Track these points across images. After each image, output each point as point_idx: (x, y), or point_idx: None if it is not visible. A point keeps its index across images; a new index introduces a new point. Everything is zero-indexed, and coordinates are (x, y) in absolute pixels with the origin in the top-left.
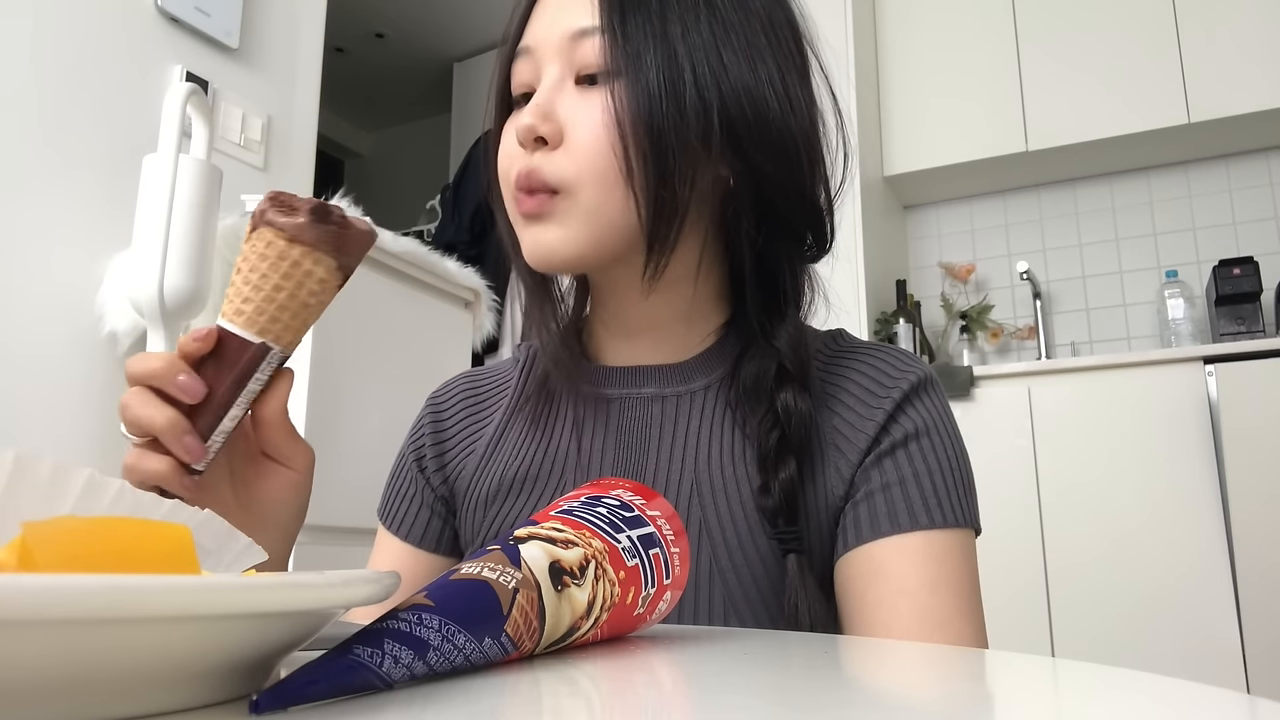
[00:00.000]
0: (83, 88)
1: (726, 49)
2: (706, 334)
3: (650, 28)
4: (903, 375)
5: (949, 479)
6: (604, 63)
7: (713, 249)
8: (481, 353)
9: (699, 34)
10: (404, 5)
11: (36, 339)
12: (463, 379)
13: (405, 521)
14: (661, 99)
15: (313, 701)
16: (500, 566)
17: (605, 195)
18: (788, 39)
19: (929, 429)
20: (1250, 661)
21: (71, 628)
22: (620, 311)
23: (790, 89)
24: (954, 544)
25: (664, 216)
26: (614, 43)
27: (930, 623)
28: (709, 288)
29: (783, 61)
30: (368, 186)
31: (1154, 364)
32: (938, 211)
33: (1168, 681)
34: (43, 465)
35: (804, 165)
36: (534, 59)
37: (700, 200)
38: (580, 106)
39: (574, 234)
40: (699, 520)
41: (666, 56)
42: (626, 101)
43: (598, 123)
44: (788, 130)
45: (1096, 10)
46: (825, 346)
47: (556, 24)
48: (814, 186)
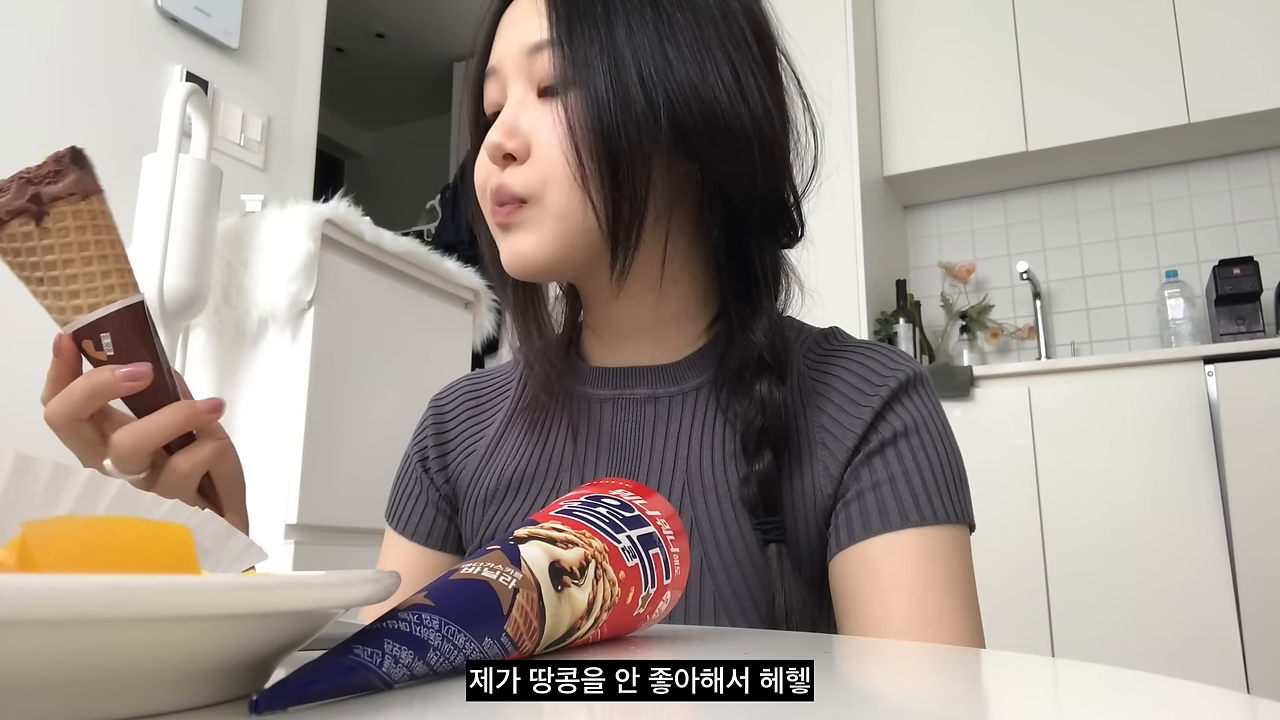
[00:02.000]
0: (83, 88)
1: (672, 47)
2: (696, 334)
3: (596, 35)
4: (891, 374)
5: (940, 475)
6: (556, 75)
7: (691, 248)
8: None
9: (645, 36)
10: (404, 5)
11: (36, 340)
12: (465, 381)
13: (412, 521)
14: (610, 104)
15: (313, 701)
16: (500, 566)
17: (567, 199)
18: (740, 31)
19: (918, 426)
20: (1250, 660)
21: (71, 628)
22: (606, 316)
23: (743, 80)
24: (947, 540)
25: (621, 216)
26: (563, 55)
27: (924, 619)
28: (695, 287)
29: (735, 54)
30: (368, 186)
31: (1154, 364)
32: (938, 211)
33: (1167, 682)
34: (43, 465)
35: (758, 157)
36: (500, 78)
37: (667, 199)
38: (540, 119)
39: (545, 239)
40: (690, 519)
41: (613, 62)
42: (577, 110)
43: (554, 133)
44: (739, 123)
45: (1096, 10)
46: (818, 345)
47: (515, 41)
48: (773, 177)
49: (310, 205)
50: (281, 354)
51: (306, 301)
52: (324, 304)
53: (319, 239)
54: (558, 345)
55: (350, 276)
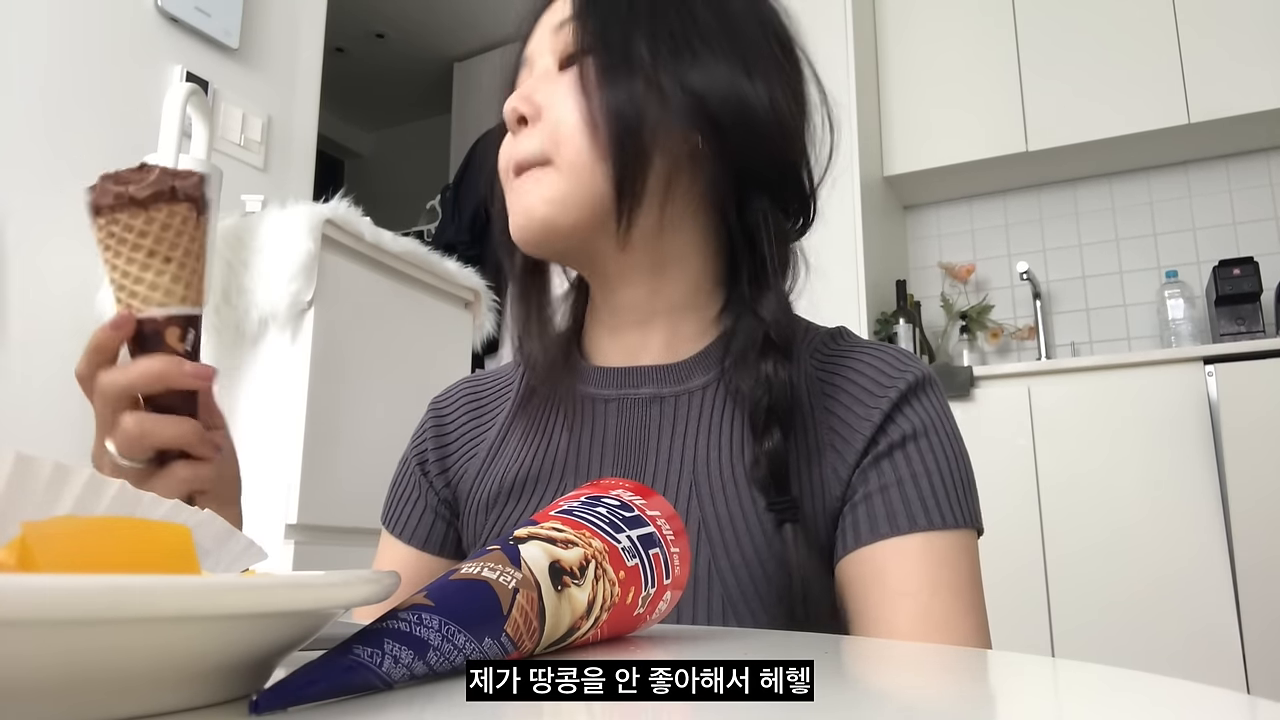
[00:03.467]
0: (83, 88)
1: (695, 34)
2: (703, 326)
3: (616, 10)
4: (900, 375)
5: (948, 480)
6: (575, 44)
7: (696, 227)
8: (481, 353)
9: (665, 17)
10: (404, 5)
11: (36, 340)
12: (464, 384)
13: (409, 525)
14: (620, 66)
15: (312, 701)
16: (500, 566)
17: (577, 153)
18: (762, 23)
19: (927, 429)
20: (1250, 660)
21: (71, 628)
22: (611, 303)
23: (759, 59)
24: (954, 545)
25: (628, 167)
26: (583, 25)
27: (931, 624)
28: (701, 272)
29: (751, 33)
30: (368, 186)
31: (1154, 364)
32: (938, 212)
33: (1168, 682)
34: (43, 465)
35: (772, 133)
36: (530, 64)
37: (665, 168)
38: (557, 85)
39: (552, 191)
40: (698, 520)
41: (629, 31)
42: (594, 74)
43: (567, 94)
44: (753, 97)
45: (1096, 10)
46: (825, 345)
47: (546, 27)
48: (785, 154)
49: (310, 205)
50: (281, 354)
51: (306, 302)
52: (324, 304)
53: (319, 239)
54: (559, 337)
55: (350, 277)
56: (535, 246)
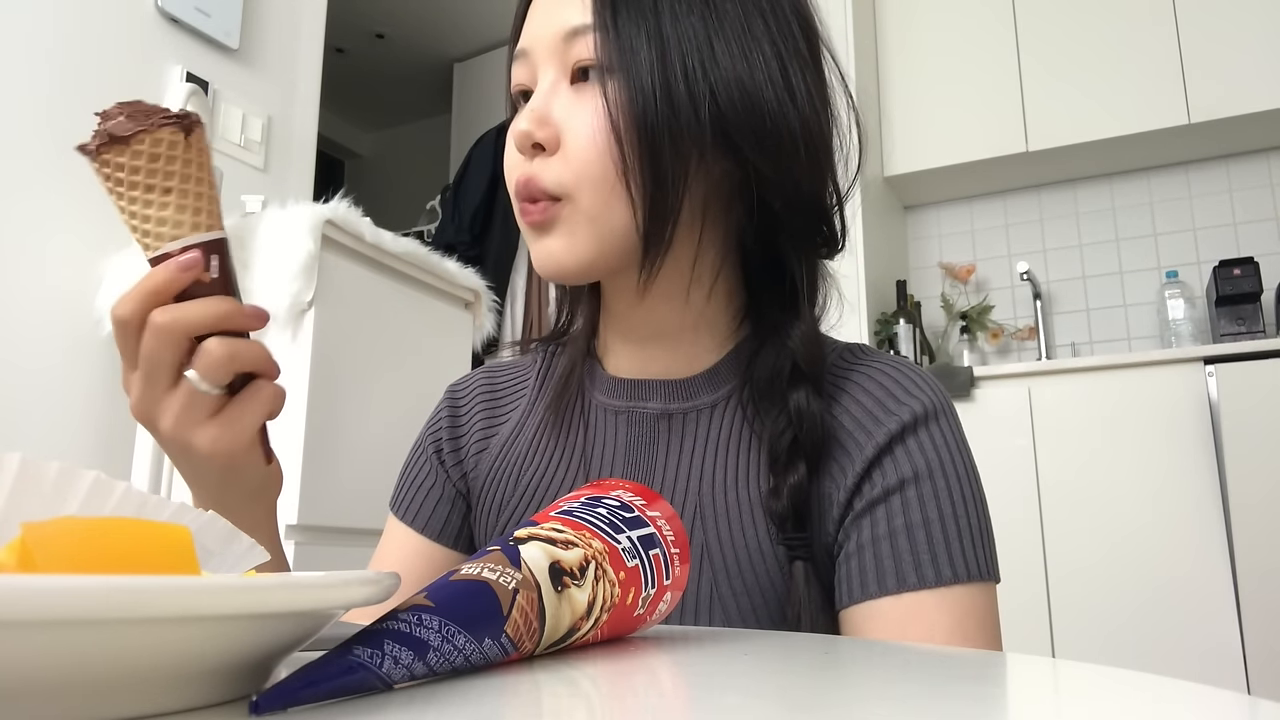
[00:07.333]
0: (83, 88)
1: (719, 39)
2: (715, 345)
3: (644, 22)
4: (909, 399)
5: (950, 529)
6: (599, 59)
7: (721, 252)
8: (481, 353)
9: (691, 25)
10: (404, 5)
11: (36, 341)
12: (481, 373)
13: (423, 512)
14: (654, 95)
15: (313, 702)
16: (500, 567)
17: (604, 199)
18: (789, 25)
19: (931, 471)
20: (1250, 661)
21: (71, 628)
22: (626, 316)
23: (791, 78)
24: (959, 602)
25: (658, 215)
26: (607, 39)
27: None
28: (721, 294)
29: (784, 49)
30: (368, 186)
31: (1154, 364)
32: (938, 212)
33: (1168, 682)
34: (48, 468)
35: (804, 158)
36: (530, 61)
37: (701, 199)
38: (575, 108)
39: (579, 243)
40: (700, 544)
41: (659, 51)
42: (619, 99)
43: (592, 126)
44: (785, 122)
45: (1096, 10)
46: (841, 358)
47: (550, 24)
48: (816, 180)
49: (310, 206)
50: (282, 354)
51: (307, 302)
52: (324, 304)
53: (319, 239)
54: (582, 342)
55: (350, 277)
56: (559, 283)
